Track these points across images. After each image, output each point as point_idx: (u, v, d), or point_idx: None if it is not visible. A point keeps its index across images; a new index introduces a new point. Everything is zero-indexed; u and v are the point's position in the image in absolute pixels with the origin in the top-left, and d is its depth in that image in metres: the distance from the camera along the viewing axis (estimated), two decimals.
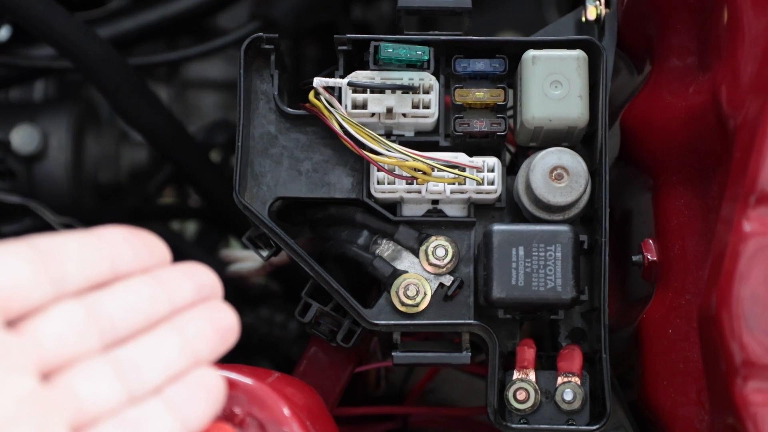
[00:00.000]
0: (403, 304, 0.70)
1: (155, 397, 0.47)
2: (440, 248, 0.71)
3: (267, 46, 0.71)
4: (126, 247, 0.48)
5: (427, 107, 0.70)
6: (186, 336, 0.49)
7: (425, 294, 0.70)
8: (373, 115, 0.70)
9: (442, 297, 0.71)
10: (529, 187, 0.69)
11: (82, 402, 0.44)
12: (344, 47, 0.71)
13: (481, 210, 0.72)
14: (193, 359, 0.49)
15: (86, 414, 0.44)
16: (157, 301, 0.48)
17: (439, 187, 0.70)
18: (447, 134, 0.72)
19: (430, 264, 0.71)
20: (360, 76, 0.70)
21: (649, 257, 0.71)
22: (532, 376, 0.69)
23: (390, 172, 0.69)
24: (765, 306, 0.55)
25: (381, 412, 0.89)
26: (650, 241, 0.71)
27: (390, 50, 0.69)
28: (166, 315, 0.49)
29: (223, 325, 0.51)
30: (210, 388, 0.49)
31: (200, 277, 0.51)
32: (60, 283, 0.45)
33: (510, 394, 0.69)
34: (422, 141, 0.72)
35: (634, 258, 0.71)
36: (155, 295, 0.48)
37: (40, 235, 0.46)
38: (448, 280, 0.71)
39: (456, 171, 0.69)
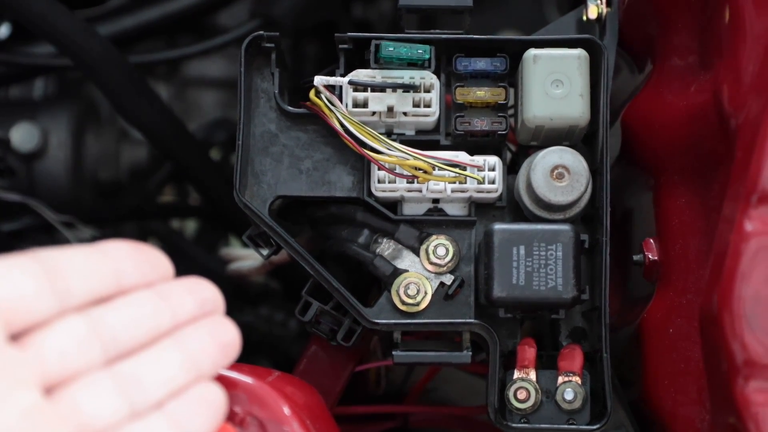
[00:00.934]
0: (403, 303, 0.70)
1: (157, 412, 0.47)
2: (441, 247, 0.71)
3: (268, 45, 0.71)
4: (129, 261, 0.49)
5: (428, 106, 0.70)
6: (188, 351, 0.49)
7: (426, 293, 0.70)
8: (373, 113, 0.70)
9: (443, 296, 0.71)
10: (530, 186, 0.69)
11: (84, 416, 0.44)
12: (345, 46, 0.71)
13: (481, 209, 0.72)
14: (195, 374, 0.49)
15: (88, 428, 0.45)
16: (159, 315, 0.49)
17: (439, 186, 0.70)
18: (448, 133, 0.72)
19: (431, 263, 0.71)
20: (361, 74, 0.70)
21: (650, 256, 0.70)
22: (532, 375, 0.69)
23: (391, 170, 0.69)
24: (766, 306, 0.55)
25: (381, 411, 0.89)
26: (651, 240, 0.71)
27: (391, 49, 0.69)
28: (169, 330, 0.49)
29: (224, 339, 0.51)
30: (211, 403, 0.49)
31: (202, 292, 0.51)
32: (64, 298, 0.45)
33: (510, 394, 0.69)
34: (423, 140, 0.72)
35: (635, 257, 0.71)
36: (158, 310, 0.49)
37: (45, 249, 0.46)
38: (448, 279, 0.71)
39: (457, 170, 0.69)
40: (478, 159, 0.70)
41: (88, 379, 0.45)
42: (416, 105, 0.70)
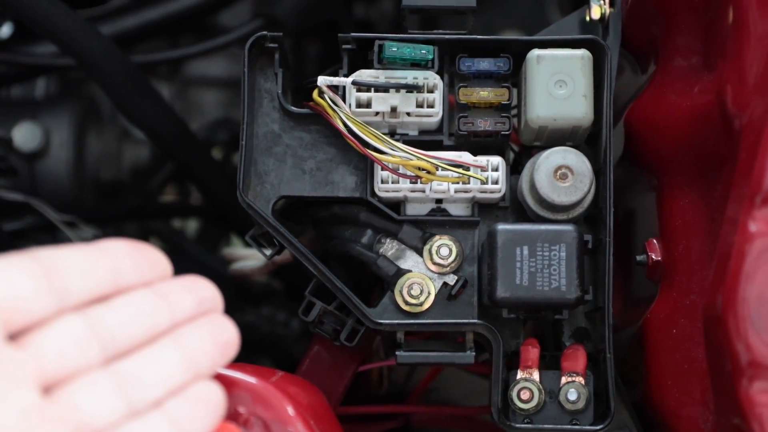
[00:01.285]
0: (406, 303, 0.70)
1: (155, 411, 0.47)
2: (444, 247, 0.71)
3: (271, 45, 0.71)
4: (128, 260, 0.49)
5: (431, 106, 0.70)
6: (186, 349, 0.49)
7: (429, 293, 0.70)
8: (377, 114, 0.70)
9: (446, 296, 0.71)
10: (533, 187, 0.69)
11: (83, 415, 0.44)
12: (348, 46, 0.71)
13: (485, 209, 0.72)
14: (193, 373, 0.49)
15: (87, 427, 0.44)
16: (157, 314, 0.49)
17: (443, 186, 0.70)
18: (451, 133, 0.72)
19: (434, 263, 0.71)
20: (364, 74, 0.70)
21: (653, 257, 0.70)
22: (535, 375, 0.69)
23: (394, 171, 0.69)
24: None
25: (384, 411, 0.89)
26: (654, 240, 0.71)
27: (394, 49, 0.69)
28: (167, 329, 0.49)
29: (223, 338, 0.51)
30: (210, 402, 0.49)
31: (201, 291, 0.51)
32: (62, 297, 0.45)
33: (514, 394, 0.69)
34: (426, 140, 0.72)
35: (639, 258, 0.71)
36: (156, 309, 0.49)
37: (44, 248, 0.46)
38: (452, 279, 0.71)
39: (460, 170, 0.69)
40: (482, 159, 0.70)
41: (86, 378, 0.45)
42: (419, 105, 0.70)
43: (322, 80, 0.69)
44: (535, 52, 0.70)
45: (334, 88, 0.70)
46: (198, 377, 0.49)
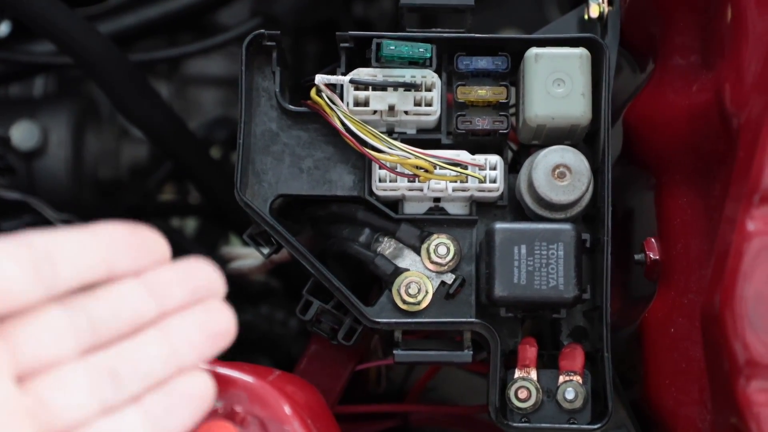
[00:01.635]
0: (404, 302, 0.70)
1: (131, 407, 0.46)
2: (442, 246, 0.71)
3: (269, 43, 0.71)
4: (123, 245, 0.47)
5: (429, 105, 0.70)
6: (171, 342, 0.48)
7: (427, 292, 0.70)
8: (375, 112, 0.70)
9: (444, 295, 0.71)
10: (531, 186, 0.69)
11: (52, 411, 0.44)
12: (346, 44, 0.71)
13: (483, 208, 0.72)
14: (176, 366, 0.48)
15: (56, 423, 0.44)
16: (143, 306, 0.47)
17: (441, 185, 0.70)
18: (449, 132, 0.72)
19: (432, 262, 0.71)
20: (362, 73, 0.70)
21: (651, 256, 0.70)
22: (533, 374, 0.69)
23: (392, 169, 0.69)
24: None
25: (382, 410, 0.89)
26: (653, 239, 0.71)
27: (392, 47, 0.69)
28: (153, 320, 0.48)
29: (215, 328, 0.50)
30: (192, 397, 0.48)
31: (197, 277, 0.50)
32: (50, 285, 0.44)
33: (511, 393, 0.69)
34: (424, 139, 0.72)
35: (637, 257, 0.71)
36: (142, 300, 0.47)
37: (38, 231, 0.45)
38: (449, 278, 0.71)
39: (458, 169, 0.69)
40: (480, 158, 0.70)
41: (60, 371, 0.44)
42: (417, 104, 0.70)
43: (320, 78, 0.69)
44: (534, 51, 0.70)
45: (331, 87, 0.70)
46: (182, 371, 0.48)
